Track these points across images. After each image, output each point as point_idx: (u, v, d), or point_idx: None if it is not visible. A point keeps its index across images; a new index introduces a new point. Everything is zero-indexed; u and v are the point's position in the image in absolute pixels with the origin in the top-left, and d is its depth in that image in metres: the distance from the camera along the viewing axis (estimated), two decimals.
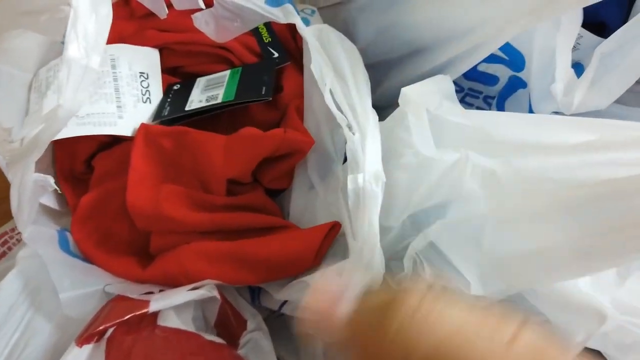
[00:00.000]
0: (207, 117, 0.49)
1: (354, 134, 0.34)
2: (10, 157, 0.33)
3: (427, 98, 0.35)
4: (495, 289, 0.33)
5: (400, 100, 0.36)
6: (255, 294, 0.48)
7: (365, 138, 0.33)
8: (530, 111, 0.44)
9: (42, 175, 0.35)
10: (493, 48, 0.39)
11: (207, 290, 0.42)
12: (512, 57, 0.43)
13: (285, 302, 0.44)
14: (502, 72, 0.46)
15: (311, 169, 0.44)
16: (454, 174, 0.32)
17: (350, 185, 0.32)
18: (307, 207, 0.46)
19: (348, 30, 0.50)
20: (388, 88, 0.50)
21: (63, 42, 0.46)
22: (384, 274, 0.34)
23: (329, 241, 0.41)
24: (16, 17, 0.34)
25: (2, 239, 0.51)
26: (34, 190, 0.36)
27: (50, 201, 0.48)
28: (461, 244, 0.32)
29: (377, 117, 0.35)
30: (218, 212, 0.45)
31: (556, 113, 0.42)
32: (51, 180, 0.35)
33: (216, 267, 0.42)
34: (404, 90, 0.35)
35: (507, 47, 0.42)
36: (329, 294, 0.27)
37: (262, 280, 0.43)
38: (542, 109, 0.42)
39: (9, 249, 0.51)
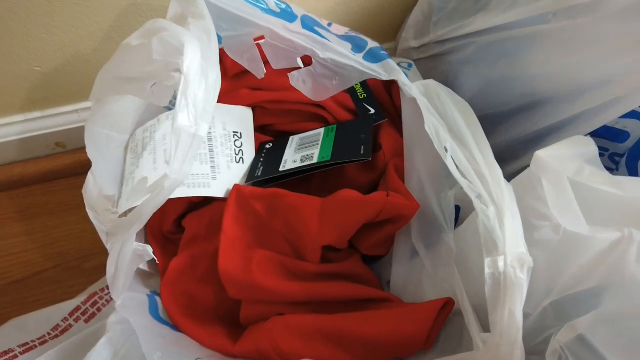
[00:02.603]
0: (300, 179, 0.46)
1: (487, 206, 0.29)
2: (111, 228, 0.32)
3: (566, 162, 0.30)
4: None
5: (533, 165, 0.31)
6: None
7: (503, 213, 0.29)
8: None
9: (142, 244, 0.33)
10: (635, 104, 0.34)
11: None
12: None
13: None
14: (634, 127, 0.41)
15: (415, 237, 0.40)
16: (614, 256, 0.27)
17: (488, 269, 0.27)
18: (410, 278, 0.41)
19: (448, 83, 0.47)
20: (496, 144, 0.45)
21: (165, 106, 0.46)
22: None
23: (442, 320, 0.36)
24: (121, 82, 0.34)
25: (92, 300, 0.50)
26: (132, 260, 0.34)
27: (142, 263, 0.47)
28: (624, 342, 0.26)
29: (512, 189, 0.31)
30: (311, 282, 0.42)
31: None
32: (150, 250, 0.33)
33: (310, 345, 0.38)
34: (538, 154, 0.31)
35: None
36: None
37: None
38: None
39: (99, 310, 0.50)
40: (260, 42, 0.42)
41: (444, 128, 0.35)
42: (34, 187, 0.63)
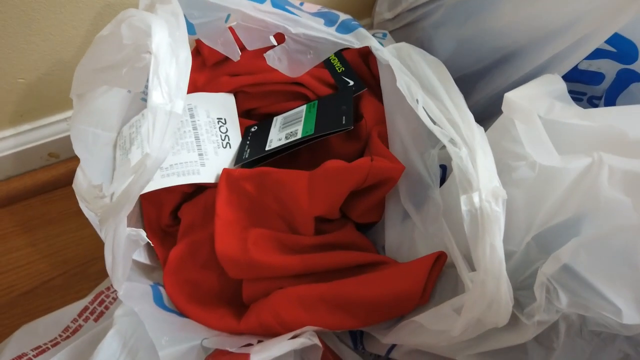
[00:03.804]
0: (287, 156, 0.47)
1: (459, 149, 0.30)
2: (102, 213, 0.32)
3: (536, 101, 0.31)
4: None
5: (504, 108, 0.32)
6: (357, 338, 0.44)
7: (475, 152, 0.29)
8: None
9: (134, 229, 0.34)
10: (601, 40, 0.34)
11: (307, 338, 0.39)
12: (621, 48, 0.38)
13: (393, 345, 0.40)
14: (609, 68, 0.41)
15: (404, 198, 0.41)
16: (587, 182, 0.27)
17: (464, 207, 0.28)
18: (403, 239, 0.42)
19: (424, 48, 0.47)
20: (476, 102, 0.46)
21: (144, 96, 0.47)
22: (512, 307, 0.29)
23: (436, 274, 0.37)
24: (97, 74, 0.34)
25: (99, 299, 0.51)
26: (128, 246, 0.35)
27: (141, 256, 0.48)
28: (607, 264, 0.27)
29: (482, 129, 0.31)
30: (309, 253, 0.42)
31: None
32: (143, 233, 0.34)
33: (313, 313, 0.39)
34: (507, 95, 0.31)
35: (615, 38, 0.37)
36: None
37: (365, 324, 0.39)
38: None
39: (106, 308, 0.51)
40: (232, 25, 0.42)
41: (416, 84, 0.35)
42: (32, 199, 0.64)
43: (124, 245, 0.34)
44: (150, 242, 0.36)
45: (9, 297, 0.58)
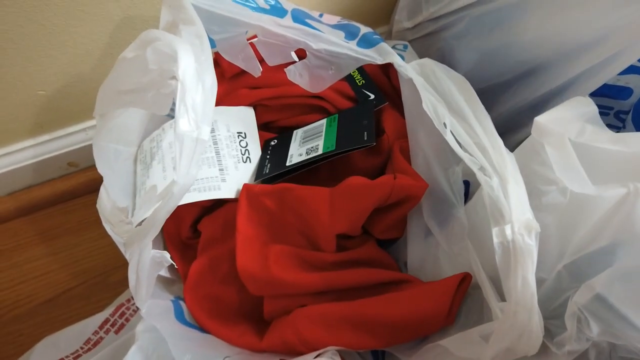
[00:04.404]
0: (308, 171, 0.47)
1: (490, 177, 0.29)
2: (128, 238, 0.33)
3: (567, 125, 0.30)
4: None
5: (534, 132, 0.31)
6: (379, 356, 0.44)
7: (506, 182, 0.29)
8: None
9: (159, 252, 0.34)
10: (634, 58, 0.34)
11: (329, 357, 0.38)
12: None
13: None
14: (637, 82, 0.40)
15: (427, 215, 0.40)
16: (622, 212, 0.26)
17: (496, 239, 0.27)
18: (426, 256, 0.41)
19: (445, 60, 0.47)
20: (499, 115, 0.45)
21: (168, 115, 0.47)
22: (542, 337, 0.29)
23: (461, 296, 0.37)
24: (121, 95, 0.34)
25: (120, 311, 0.51)
26: (152, 267, 0.35)
27: (163, 270, 0.48)
28: None
29: (514, 157, 0.31)
30: (330, 271, 0.42)
31: None
32: (167, 256, 0.34)
33: (335, 332, 0.39)
34: (537, 119, 0.31)
35: None
36: None
37: (387, 345, 0.39)
38: None
39: (127, 320, 0.51)
40: (253, 40, 0.42)
41: (442, 104, 0.35)
42: (52, 208, 0.65)
43: (148, 267, 0.34)
44: (174, 264, 0.36)
45: (29, 307, 0.59)
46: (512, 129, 0.46)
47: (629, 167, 0.28)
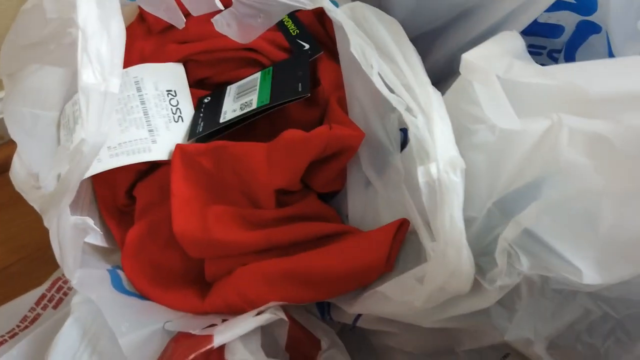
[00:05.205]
0: (245, 126, 0.45)
1: (415, 117, 0.29)
2: (42, 204, 0.30)
3: (494, 61, 0.29)
4: (616, 275, 0.27)
5: (461, 69, 0.31)
6: (324, 308, 0.44)
7: (431, 120, 0.28)
8: (611, 57, 0.38)
9: (79, 217, 0.32)
10: None
11: (272, 313, 0.38)
12: None
13: (359, 315, 0.40)
14: (568, 20, 0.40)
15: (365, 165, 0.40)
16: (547, 145, 0.26)
17: (421, 178, 0.27)
18: (366, 207, 0.41)
19: (382, 6, 0.45)
20: (436, 61, 0.44)
21: None
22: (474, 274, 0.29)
23: (399, 242, 0.37)
24: (25, 51, 0.31)
25: (57, 286, 0.49)
26: (75, 234, 0.33)
27: (98, 239, 0.46)
28: (568, 227, 0.27)
29: (440, 95, 0.30)
30: (271, 227, 0.41)
31: None
32: (90, 221, 0.32)
33: (277, 287, 0.38)
34: (465, 56, 0.30)
35: None
36: None
37: (330, 296, 0.39)
38: (629, 52, 0.35)
39: (65, 294, 0.50)
40: None
41: (372, 47, 0.33)
42: None
43: (71, 234, 0.32)
44: (97, 228, 0.34)
45: None
46: (449, 75, 0.45)
47: (555, 99, 0.28)
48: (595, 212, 0.25)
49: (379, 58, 0.32)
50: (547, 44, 0.42)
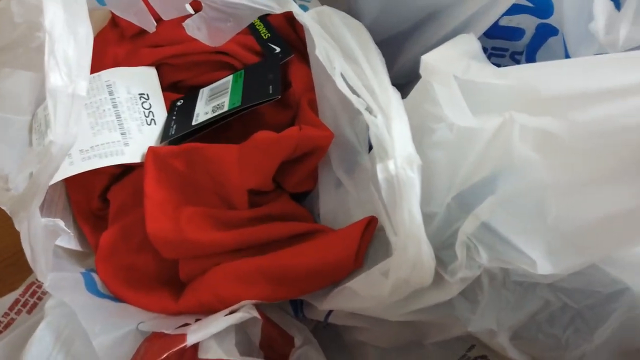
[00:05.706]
0: (218, 129, 0.46)
1: (375, 116, 0.30)
2: (11, 205, 0.31)
3: (452, 63, 0.31)
4: (566, 264, 0.28)
5: (421, 71, 0.32)
6: (297, 306, 0.44)
7: (390, 119, 0.29)
8: (567, 58, 0.39)
9: (51, 219, 0.32)
10: None
11: (245, 311, 0.39)
12: (538, 2, 0.38)
13: (330, 311, 0.41)
14: (528, 23, 0.42)
15: (336, 165, 0.41)
16: (500, 141, 0.27)
17: (380, 175, 0.28)
18: (338, 206, 0.42)
19: (351, 10, 0.46)
20: (404, 63, 0.45)
21: None
22: (435, 267, 0.30)
23: (367, 239, 0.38)
24: None
25: (30, 290, 0.49)
26: (46, 237, 0.33)
27: (71, 243, 0.46)
28: (520, 219, 0.28)
29: (399, 95, 0.31)
30: (244, 227, 0.42)
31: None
32: (61, 223, 0.33)
33: (250, 286, 0.39)
34: (424, 58, 0.31)
35: None
36: None
37: (302, 293, 0.40)
38: (583, 53, 0.37)
39: (39, 299, 0.49)
40: None
41: (336, 50, 0.34)
42: None
43: (42, 236, 0.33)
44: (69, 231, 0.34)
45: None
46: (418, 76, 0.47)
47: (509, 99, 0.29)
48: (545, 205, 0.27)
49: (342, 60, 0.34)
50: (509, 46, 0.44)
